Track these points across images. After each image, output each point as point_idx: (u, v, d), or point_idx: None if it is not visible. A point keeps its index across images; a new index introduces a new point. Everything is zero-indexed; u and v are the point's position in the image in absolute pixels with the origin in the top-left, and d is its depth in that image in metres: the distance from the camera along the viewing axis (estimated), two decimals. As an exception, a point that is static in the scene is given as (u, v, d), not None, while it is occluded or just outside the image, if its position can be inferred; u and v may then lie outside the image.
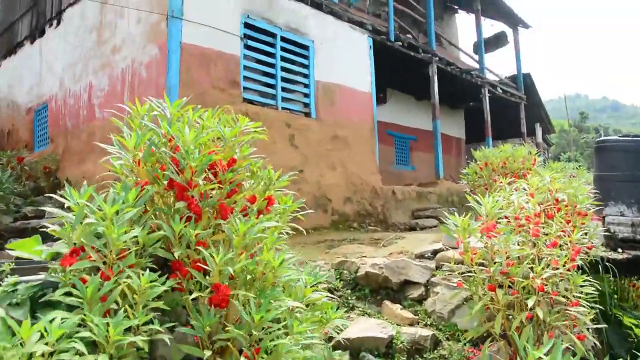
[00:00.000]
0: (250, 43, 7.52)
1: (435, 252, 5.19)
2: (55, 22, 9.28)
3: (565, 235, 3.60)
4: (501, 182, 6.60)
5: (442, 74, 11.80)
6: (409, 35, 11.31)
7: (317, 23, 8.63)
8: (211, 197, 2.45)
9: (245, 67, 7.42)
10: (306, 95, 8.34)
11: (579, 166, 8.92)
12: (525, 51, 16.23)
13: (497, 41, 16.05)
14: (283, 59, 7.98)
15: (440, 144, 11.53)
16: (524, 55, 16.00)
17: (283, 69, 7.96)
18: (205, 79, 6.78)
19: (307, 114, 8.30)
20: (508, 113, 15.74)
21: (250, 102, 7.45)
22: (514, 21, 15.48)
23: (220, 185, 2.47)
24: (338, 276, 4.77)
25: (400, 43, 10.44)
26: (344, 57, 9.09)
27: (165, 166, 2.38)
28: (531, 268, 3.27)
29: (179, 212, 2.22)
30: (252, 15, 7.55)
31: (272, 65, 7.85)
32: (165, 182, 2.32)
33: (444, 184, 11.32)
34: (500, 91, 14.37)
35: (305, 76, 8.36)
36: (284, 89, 7.99)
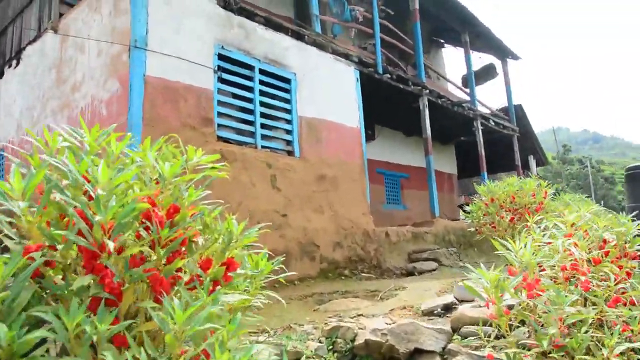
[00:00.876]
0: (225, 76, 6.83)
1: (446, 308, 4.36)
2: (14, 62, 8.56)
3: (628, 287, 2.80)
4: (509, 220, 5.83)
5: (433, 106, 11.21)
6: (396, 68, 10.74)
7: (299, 54, 8.00)
8: (147, 263, 1.61)
9: (220, 103, 6.70)
10: (289, 132, 7.62)
11: (587, 196, 8.24)
12: (513, 82, 15.80)
13: (486, 74, 15.63)
14: (262, 93, 7.30)
15: (435, 181, 10.82)
16: (513, 87, 15.57)
17: (262, 104, 7.26)
18: (173, 116, 6.04)
19: (290, 153, 7.57)
20: (500, 146, 15.20)
21: (226, 140, 6.71)
22: (503, 53, 15.10)
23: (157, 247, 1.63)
24: (330, 346, 3.91)
25: (388, 75, 9.85)
26: (329, 91, 8.44)
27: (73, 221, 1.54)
28: (594, 337, 2.44)
29: (79, 294, 1.38)
30: (227, 45, 6.89)
31: (250, 100, 7.15)
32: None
33: (440, 223, 10.55)
34: (493, 123, 13.82)
35: (288, 111, 7.67)
36: (263, 126, 7.27)
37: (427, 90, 10.94)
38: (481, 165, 12.99)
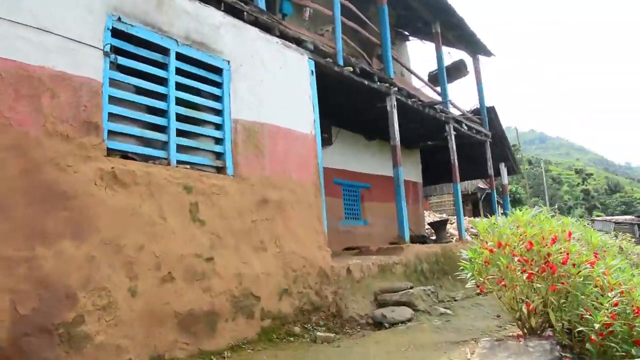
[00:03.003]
0: (123, 61, 4.71)
1: None
2: None
3: None
4: (527, 277, 4.06)
5: (401, 108, 9.37)
6: (360, 60, 8.82)
7: (234, 36, 5.94)
8: None
9: (113, 99, 4.58)
10: (218, 142, 5.57)
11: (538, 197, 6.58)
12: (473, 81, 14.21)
13: (455, 71, 13.95)
14: (180, 86, 5.22)
15: (404, 199, 8.97)
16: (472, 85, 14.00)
17: (180, 102, 5.18)
18: (32, 119, 3.90)
19: (221, 170, 5.52)
20: (469, 151, 13.57)
21: (122, 155, 4.61)
22: (475, 48, 13.48)
23: None
24: None
25: (350, 68, 7.92)
26: (275, 86, 6.43)
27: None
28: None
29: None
30: (127, 17, 4.77)
31: (162, 97, 5.05)
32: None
33: (410, 251, 8.73)
34: (466, 127, 12.14)
35: (217, 113, 5.61)
36: (181, 133, 5.20)
37: (396, 88, 9.09)
38: (454, 175, 11.27)
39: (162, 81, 5.06)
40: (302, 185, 6.51)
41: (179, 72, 5.20)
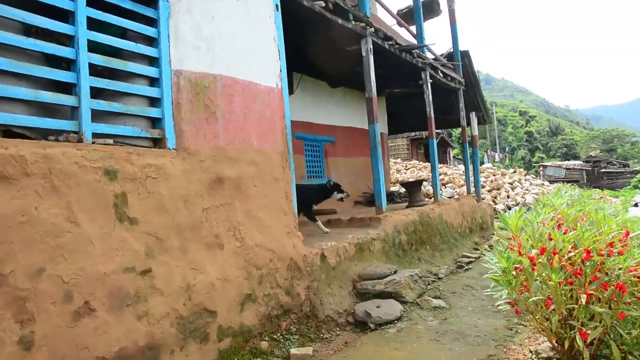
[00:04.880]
0: (-2, -17, 3.04)
1: None
2: None
3: None
4: (585, 300, 2.88)
5: (376, 52, 7.91)
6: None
7: (173, -47, 4.26)
8: None
9: (-17, 44, 2.95)
10: (154, 103, 4.01)
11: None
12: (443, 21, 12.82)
13: (428, 10, 12.46)
14: (94, 23, 3.58)
15: (381, 161, 7.68)
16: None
17: (95, 48, 3.56)
18: None
19: (158, 142, 3.99)
20: (440, 99, 12.34)
21: (5, 130, 3.04)
22: (451, -17, 11.97)
23: None
24: None
25: (322, 3, 6.34)
26: (231, 24, 4.83)
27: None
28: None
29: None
30: None
31: (67, 40, 3.42)
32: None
33: (389, 221, 7.54)
34: (441, 74, 10.82)
35: (152, 62, 4.02)
36: (98, 93, 3.62)
37: (373, 29, 7.58)
38: (430, 130, 10.02)
39: (66, 15, 3.41)
40: (266, 154, 5.06)
41: (91, 2, 3.54)
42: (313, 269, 5.47)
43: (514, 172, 24.63)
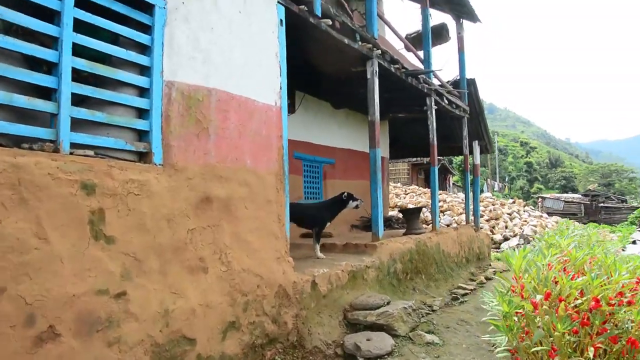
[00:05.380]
0: (-21, -22, 2.84)
1: None
2: None
3: None
4: (593, 355, 2.60)
5: (382, 75, 7.73)
6: (340, 11, 7.05)
7: (173, -41, 4.08)
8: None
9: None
10: (142, 114, 3.78)
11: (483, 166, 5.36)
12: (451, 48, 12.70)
13: (436, 36, 12.34)
14: (82, 26, 3.36)
15: (380, 187, 7.44)
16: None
17: (81, 52, 3.34)
18: None
19: (144, 157, 3.76)
20: (443, 126, 12.14)
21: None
22: (460, 11, 11.87)
23: None
24: None
25: (329, 21, 6.16)
26: (230, 37, 4.63)
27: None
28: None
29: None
30: None
31: (50, 41, 3.21)
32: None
33: (384, 249, 7.28)
34: (446, 101, 10.65)
35: (142, 71, 3.80)
36: (82, 101, 3.40)
37: (379, 51, 7.41)
38: (432, 158, 9.80)
39: (52, 15, 3.20)
40: (259, 175, 4.83)
41: (79, 4, 3.34)
42: (303, 296, 5.19)
43: (513, 202, 24.42)
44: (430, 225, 10.37)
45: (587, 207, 35.96)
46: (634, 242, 15.25)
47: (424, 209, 16.33)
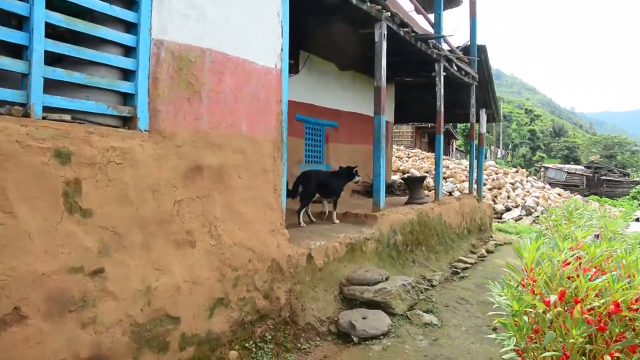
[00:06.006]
0: None
1: None
2: None
3: None
4: None
5: (390, 38, 7.31)
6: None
7: None
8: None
9: None
10: (127, 76, 3.46)
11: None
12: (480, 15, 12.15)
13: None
14: (60, -24, 3.01)
15: (384, 155, 7.14)
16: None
17: (56, 5, 2.99)
18: None
19: (128, 122, 3.45)
20: (450, 93, 11.73)
21: None
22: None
23: None
24: None
25: (337, -22, 5.74)
26: (227, -8, 4.24)
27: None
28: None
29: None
30: None
31: (21, -9, 2.85)
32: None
33: (385, 220, 7.05)
34: (455, 68, 10.22)
35: (128, 27, 3.45)
36: (60, 60, 3.08)
37: (389, 14, 6.97)
38: (438, 125, 9.46)
39: (24, -38, 2.84)
40: (256, 142, 4.53)
41: (57, -51, 2.97)
42: (297, 270, 4.98)
43: (516, 171, 24.12)
44: (433, 193, 10.10)
45: (589, 179, 35.62)
46: (637, 220, 15.01)
47: (427, 177, 16.08)
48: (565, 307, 2.81)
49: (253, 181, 4.48)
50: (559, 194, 20.22)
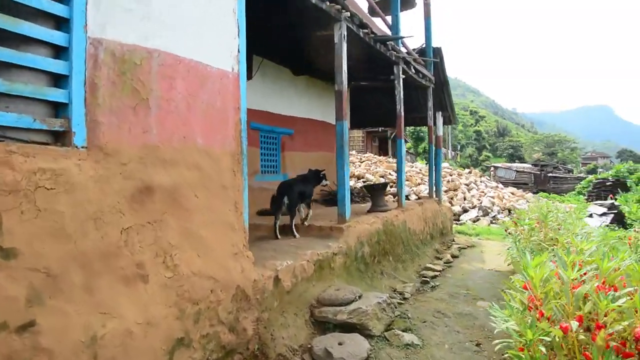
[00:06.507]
0: None
1: None
2: None
3: None
4: None
5: (349, 40, 6.92)
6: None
7: None
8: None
9: None
10: (58, 82, 2.88)
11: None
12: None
13: (403, 1, 11.52)
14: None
15: (347, 162, 6.74)
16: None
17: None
18: None
19: (60, 138, 2.87)
20: (407, 96, 11.49)
21: None
22: (428, -29, 11.09)
23: None
24: None
25: (293, -26, 5.28)
26: (175, -15, 3.71)
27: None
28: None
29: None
30: None
31: None
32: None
33: (352, 232, 6.64)
34: (414, 71, 9.97)
35: (58, 23, 2.88)
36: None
37: (349, 14, 6.58)
38: (399, 129, 9.15)
39: None
40: (213, 156, 4.00)
41: None
42: (264, 296, 4.47)
43: (470, 172, 24.34)
44: (395, 199, 9.79)
45: (536, 176, 36.61)
46: (590, 216, 15.26)
47: (381, 179, 15.85)
48: (583, 332, 2.45)
49: (211, 200, 3.95)
50: (512, 193, 20.45)
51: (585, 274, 2.98)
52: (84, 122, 2.90)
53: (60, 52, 2.86)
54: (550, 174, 38.04)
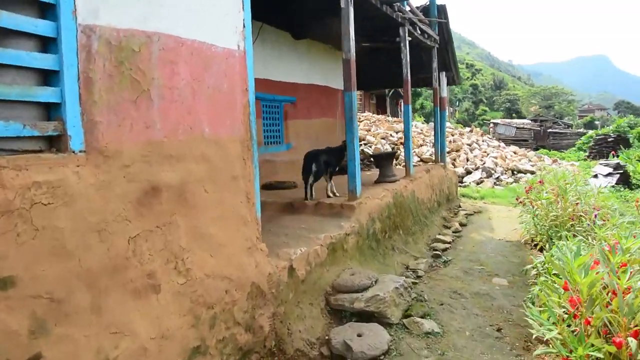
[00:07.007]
0: None
1: None
2: None
3: None
4: None
5: (355, 1, 6.48)
6: None
7: None
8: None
9: None
10: (48, 78, 2.52)
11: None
12: (437, -29, 11.38)
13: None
14: None
15: (357, 135, 6.42)
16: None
17: None
18: None
19: (55, 143, 2.54)
20: (411, 57, 11.05)
21: None
22: None
23: None
24: None
25: None
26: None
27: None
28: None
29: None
30: None
31: None
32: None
33: (363, 209, 6.39)
34: (419, 32, 9.50)
35: (44, 11, 2.50)
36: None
37: (355, -27, 6.12)
38: (405, 94, 8.79)
39: None
40: (221, 144, 3.68)
41: None
42: (279, 289, 4.23)
43: (471, 131, 23.99)
44: (403, 167, 9.51)
45: (536, 133, 36.28)
46: (595, 176, 15.04)
47: (382, 141, 15.60)
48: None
49: (222, 193, 3.65)
50: (515, 152, 20.18)
51: (631, 273, 2.73)
52: (80, 123, 2.57)
53: (47, 44, 2.49)
54: (549, 130, 37.68)
